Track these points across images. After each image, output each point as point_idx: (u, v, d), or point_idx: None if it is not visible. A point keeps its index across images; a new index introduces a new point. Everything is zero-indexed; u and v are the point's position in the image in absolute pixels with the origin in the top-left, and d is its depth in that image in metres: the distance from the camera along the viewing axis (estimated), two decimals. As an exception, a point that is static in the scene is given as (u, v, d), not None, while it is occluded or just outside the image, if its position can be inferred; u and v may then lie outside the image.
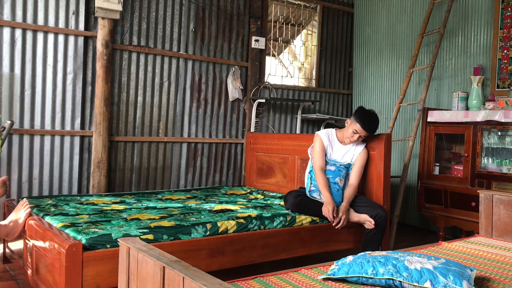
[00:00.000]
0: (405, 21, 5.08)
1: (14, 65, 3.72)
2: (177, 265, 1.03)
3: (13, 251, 2.95)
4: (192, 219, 2.81)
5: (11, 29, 3.69)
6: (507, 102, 3.76)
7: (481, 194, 2.68)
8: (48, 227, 2.45)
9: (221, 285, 0.92)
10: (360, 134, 3.15)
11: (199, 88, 4.67)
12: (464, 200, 3.81)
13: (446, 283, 1.54)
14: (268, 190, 4.14)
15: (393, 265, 1.65)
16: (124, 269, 1.23)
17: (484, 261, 2.08)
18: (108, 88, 4.04)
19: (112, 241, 2.29)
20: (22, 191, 3.79)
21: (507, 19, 4.09)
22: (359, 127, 3.13)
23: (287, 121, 5.32)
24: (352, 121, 3.19)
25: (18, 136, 3.75)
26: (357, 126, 3.14)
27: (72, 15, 3.94)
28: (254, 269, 2.31)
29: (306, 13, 5.58)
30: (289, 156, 4.02)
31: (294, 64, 5.66)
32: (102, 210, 3.01)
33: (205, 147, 4.73)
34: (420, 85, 4.80)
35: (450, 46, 4.58)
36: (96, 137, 4.01)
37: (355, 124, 3.15)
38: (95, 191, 3.99)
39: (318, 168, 3.17)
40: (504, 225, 2.53)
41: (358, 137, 3.18)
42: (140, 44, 4.30)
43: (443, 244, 2.41)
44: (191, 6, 4.56)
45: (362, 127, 3.12)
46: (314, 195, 3.22)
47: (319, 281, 1.74)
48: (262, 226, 2.85)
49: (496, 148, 3.79)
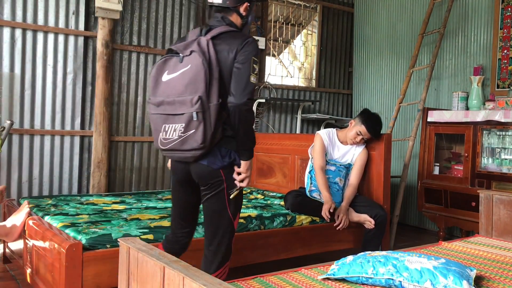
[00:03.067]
0: (405, 21, 5.08)
1: (14, 65, 3.72)
2: (177, 265, 1.03)
3: (13, 251, 2.95)
4: (192, 219, 2.81)
5: (11, 29, 3.69)
6: (507, 102, 3.76)
7: (481, 194, 2.68)
8: (48, 227, 2.45)
9: (221, 285, 0.92)
10: (363, 136, 3.17)
11: (199, 88, 4.66)
12: (464, 200, 3.81)
13: (446, 283, 1.54)
14: (268, 190, 4.13)
15: (393, 265, 1.65)
16: (124, 269, 1.23)
17: (484, 261, 2.08)
18: (108, 88, 4.04)
19: (112, 241, 2.29)
20: (22, 191, 3.79)
21: (507, 19, 4.09)
22: (364, 130, 3.15)
23: (287, 121, 5.32)
24: (357, 122, 3.20)
25: (18, 136, 3.75)
26: (362, 128, 3.15)
27: (72, 15, 3.94)
28: (254, 269, 2.31)
29: (306, 13, 5.58)
30: (289, 156, 4.02)
31: (294, 64, 5.66)
32: (102, 210, 3.01)
33: (205, 147, 4.72)
34: (420, 85, 4.80)
35: (450, 46, 4.58)
36: (96, 137, 4.01)
37: (360, 126, 3.16)
38: (95, 191, 3.99)
39: (318, 168, 3.17)
40: (504, 225, 2.53)
41: (361, 139, 3.18)
42: (140, 44, 4.30)
43: (443, 244, 2.41)
44: (191, 6, 4.56)
45: (367, 130, 3.14)
46: (314, 195, 3.22)
47: (319, 281, 1.74)
48: (262, 226, 2.85)
49: (496, 148, 3.79)
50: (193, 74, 1.79)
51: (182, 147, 1.84)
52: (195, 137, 1.80)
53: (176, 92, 1.81)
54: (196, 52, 1.81)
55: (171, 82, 1.84)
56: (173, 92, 1.83)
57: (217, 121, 1.83)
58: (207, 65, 1.80)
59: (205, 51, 1.82)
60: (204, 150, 1.84)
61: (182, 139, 1.82)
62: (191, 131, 1.80)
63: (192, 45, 1.83)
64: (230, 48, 1.86)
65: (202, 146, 1.82)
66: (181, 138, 1.82)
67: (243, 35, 1.95)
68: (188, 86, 1.79)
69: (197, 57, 1.79)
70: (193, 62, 1.80)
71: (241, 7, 2.01)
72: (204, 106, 1.78)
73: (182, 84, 1.80)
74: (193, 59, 1.80)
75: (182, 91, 1.80)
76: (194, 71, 1.78)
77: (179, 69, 1.83)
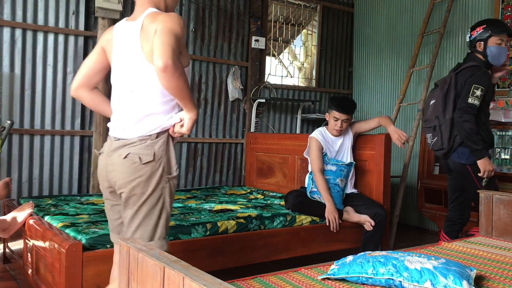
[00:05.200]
0: (405, 21, 5.08)
1: (14, 65, 3.72)
2: (177, 265, 1.03)
3: (13, 251, 2.95)
4: (192, 219, 2.81)
5: (11, 29, 3.69)
6: (507, 102, 3.76)
7: (481, 194, 2.68)
8: (48, 227, 2.45)
9: (221, 285, 0.92)
10: (340, 119, 3.22)
11: (199, 88, 4.67)
12: (464, 200, 3.80)
13: (446, 283, 1.54)
14: (268, 190, 4.14)
15: (393, 265, 1.65)
16: (124, 269, 1.23)
17: (484, 261, 2.08)
18: (108, 88, 4.03)
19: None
20: (22, 191, 3.79)
21: (507, 19, 4.09)
22: (335, 113, 3.23)
23: (287, 121, 5.32)
24: (329, 111, 3.31)
25: (18, 136, 3.75)
26: (333, 112, 3.24)
27: (72, 15, 3.94)
28: (254, 269, 2.31)
29: (306, 13, 5.57)
30: (289, 156, 4.02)
31: (294, 64, 5.66)
32: (102, 210, 3.01)
33: (205, 147, 4.73)
34: (420, 85, 4.80)
35: (450, 46, 4.58)
36: (96, 137, 4.00)
37: (332, 112, 3.26)
38: (95, 191, 3.98)
39: (317, 171, 3.17)
40: (504, 225, 2.53)
41: (341, 123, 3.23)
42: (140, 44, 4.29)
43: (443, 244, 2.41)
44: (191, 6, 4.56)
45: (337, 111, 3.22)
46: (315, 196, 3.22)
47: (319, 281, 1.74)
48: (262, 226, 2.85)
49: (496, 148, 3.79)
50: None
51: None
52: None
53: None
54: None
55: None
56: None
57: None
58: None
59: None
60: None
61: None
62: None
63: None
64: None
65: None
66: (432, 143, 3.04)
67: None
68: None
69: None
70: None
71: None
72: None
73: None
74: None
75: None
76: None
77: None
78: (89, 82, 1.95)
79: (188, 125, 1.76)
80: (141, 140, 1.75)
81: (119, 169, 1.76)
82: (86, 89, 1.96)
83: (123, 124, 1.81)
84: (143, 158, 1.73)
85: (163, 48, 1.60)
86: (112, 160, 1.78)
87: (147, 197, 1.75)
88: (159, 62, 1.58)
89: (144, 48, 1.72)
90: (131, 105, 1.79)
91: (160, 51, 1.59)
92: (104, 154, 1.85)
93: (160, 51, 1.59)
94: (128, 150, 1.75)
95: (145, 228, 1.76)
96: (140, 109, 1.77)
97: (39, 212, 2.82)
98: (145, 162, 1.73)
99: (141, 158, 1.73)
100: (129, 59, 1.79)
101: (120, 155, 1.75)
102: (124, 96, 1.82)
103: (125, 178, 1.74)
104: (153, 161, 1.74)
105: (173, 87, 1.65)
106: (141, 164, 1.73)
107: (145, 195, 1.74)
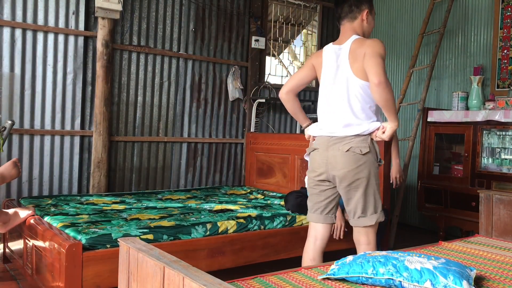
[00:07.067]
0: (405, 21, 5.08)
1: (14, 65, 3.72)
2: (177, 265, 1.03)
3: (13, 251, 2.95)
4: (192, 219, 2.81)
5: (11, 29, 3.69)
6: (507, 102, 3.76)
7: (481, 194, 2.68)
8: (48, 227, 2.45)
9: (221, 285, 0.92)
10: None
11: (199, 88, 4.67)
12: (464, 200, 3.81)
13: (446, 283, 1.54)
14: (268, 190, 4.14)
15: (393, 265, 1.65)
16: (124, 269, 1.23)
17: (484, 261, 2.08)
18: (108, 88, 4.04)
19: (112, 241, 2.29)
20: (22, 191, 3.79)
21: (507, 19, 4.09)
22: None
23: (287, 121, 5.32)
24: None
25: (18, 136, 3.75)
26: None
27: (72, 15, 3.93)
28: (254, 269, 2.31)
29: (306, 13, 5.57)
30: (289, 156, 4.02)
31: (294, 64, 5.66)
32: (102, 210, 3.02)
33: (205, 147, 4.73)
34: (420, 85, 4.80)
35: (450, 46, 4.58)
36: (96, 137, 4.01)
37: None
38: (95, 191, 3.99)
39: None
40: (504, 225, 2.53)
41: None
42: (140, 44, 4.30)
43: (443, 244, 2.41)
44: (191, 6, 4.56)
45: None
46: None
47: (319, 281, 1.74)
48: (262, 226, 2.85)
49: (496, 148, 3.79)
50: None
51: None
52: None
53: None
54: None
55: None
56: None
57: None
58: None
59: None
60: None
61: None
62: None
63: None
64: None
65: None
66: None
67: None
68: None
69: None
70: None
71: None
72: None
73: None
74: None
75: None
76: None
77: None
78: (296, 89, 2.42)
79: (388, 132, 2.11)
80: (356, 136, 2.14)
81: (341, 160, 2.14)
82: (292, 94, 2.41)
83: (335, 124, 2.19)
84: (362, 150, 2.12)
85: (376, 68, 1.99)
86: (333, 153, 2.17)
87: (369, 180, 2.14)
88: (375, 79, 1.97)
89: (352, 66, 2.15)
90: (341, 110, 2.17)
91: (375, 70, 1.98)
92: (322, 149, 2.23)
93: (375, 70, 1.98)
94: (349, 145, 2.13)
95: (373, 204, 2.17)
96: (348, 113, 2.15)
97: (39, 212, 2.82)
98: (364, 153, 2.12)
99: (361, 150, 2.12)
100: (339, 75, 2.20)
101: (341, 149, 2.14)
102: (335, 103, 2.20)
103: (349, 167, 2.13)
104: (369, 152, 2.14)
105: (384, 99, 2.00)
106: (361, 155, 2.12)
107: (368, 179, 2.14)
